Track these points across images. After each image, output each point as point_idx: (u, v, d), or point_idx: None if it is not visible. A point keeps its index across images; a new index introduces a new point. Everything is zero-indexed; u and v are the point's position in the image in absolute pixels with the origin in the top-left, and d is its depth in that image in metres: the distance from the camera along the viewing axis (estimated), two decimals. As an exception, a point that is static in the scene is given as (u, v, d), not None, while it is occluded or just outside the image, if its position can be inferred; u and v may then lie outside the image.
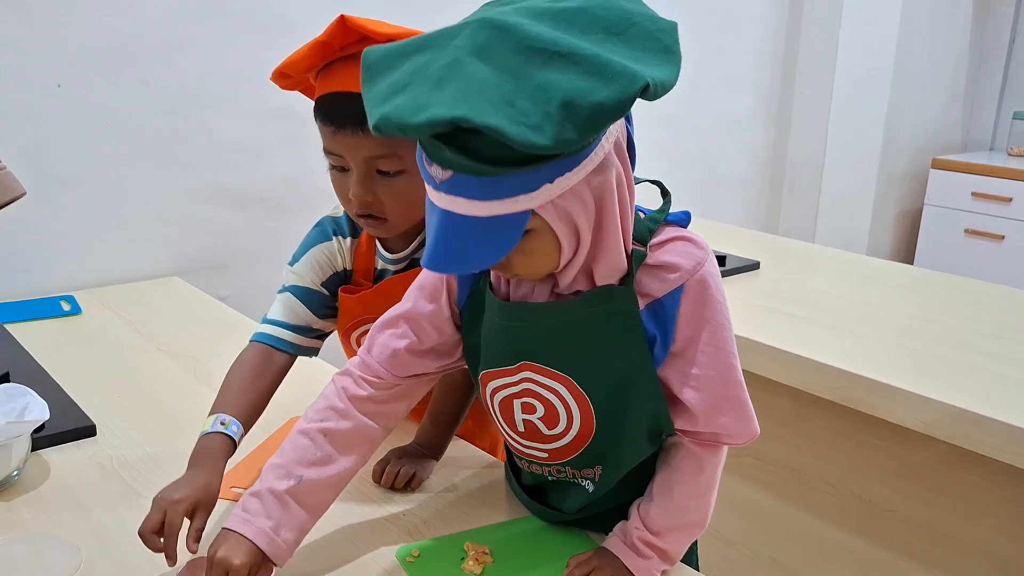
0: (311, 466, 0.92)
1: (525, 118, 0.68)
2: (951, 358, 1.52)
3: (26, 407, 1.14)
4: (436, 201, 0.77)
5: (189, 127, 2.00)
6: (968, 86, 3.70)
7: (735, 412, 0.90)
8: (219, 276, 2.11)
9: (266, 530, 0.88)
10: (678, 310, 0.86)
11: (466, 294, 0.96)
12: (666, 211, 0.90)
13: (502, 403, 0.96)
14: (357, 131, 0.99)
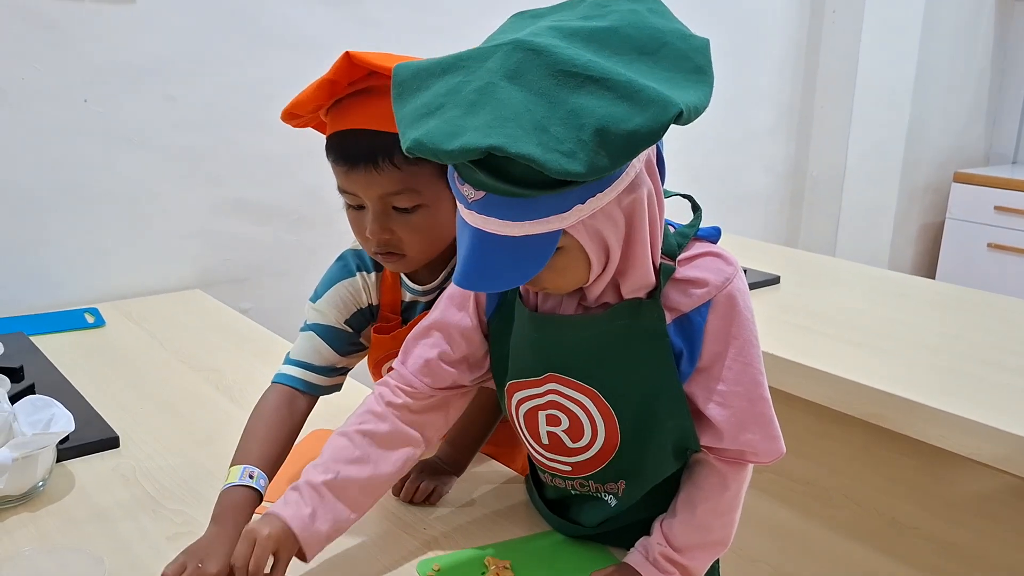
0: (349, 463, 0.93)
1: (558, 145, 0.69)
2: (977, 374, 1.50)
3: (51, 418, 1.15)
4: (468, 220, 0.77)
5: (214, 142, 2.02)
6: (991, 99, 3.68)
7: (761, 430, 0.89)
8: (242, 289, 2.12)
9: (303, 516, 0.89)
10: (705, 325, 0.86)
11: (494, 305, 0.97)
12: (696, 226, 0.91)
13: (527, 414, 0.96)
14: (371, 169, 0.96)
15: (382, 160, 0.96)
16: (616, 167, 0.72)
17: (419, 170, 0.97)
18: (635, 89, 0.70)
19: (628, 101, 0.69)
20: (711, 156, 3.05)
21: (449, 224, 1.02)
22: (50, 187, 1.85)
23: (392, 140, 0.94)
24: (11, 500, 1.10)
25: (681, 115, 0.70)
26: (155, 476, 1.19)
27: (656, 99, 0.69)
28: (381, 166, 0.96)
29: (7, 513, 1.09)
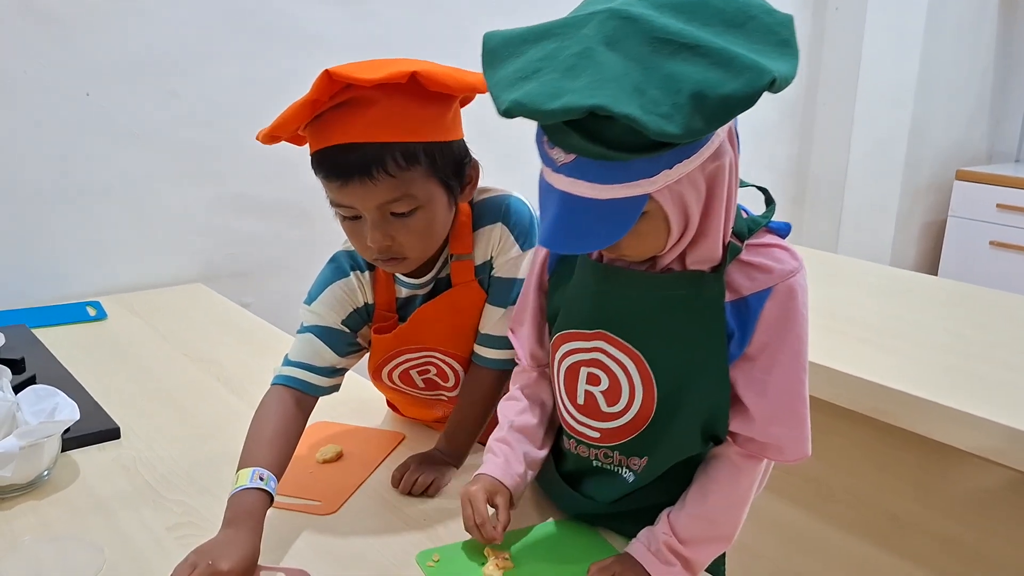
0: (518, 415, 1.05)
1: (656, 107, 0.70)
2: (981, 371, 1.50)
3: (55, 407, 1.15)
4: (554, 183, 0.79)
5: (216, 137, 2.02)
6: (993, 97, 3.67)
7: (793, 427, 0.90)
8: (243, 283, 2.13)
9: (500, 464, 1.01)
10: (761, 312, 0.87)
11: (556, 259, 1.00)
12: (769, 217, 0.92)
13: (569, 369, 0.97)
14: (366, 180, 0.97)
15: (376, 171, 0.96)
16: (711, 130, 0.73)
17: (412, 175, 0.99)
18: (729, 56, 0.71)
19: (723, 67, 0.71)
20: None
21: (444, 220, 1.06)
22: (52, 181, 1.86)
23: (382, 149, 0.97)
24: (17, 488, 1.10)
25: (775, 82, 0.71)
26: (156, 467, 1.20)
27: (751, 65, 0.71)
28: (376, 176, 0.97)
29: (13, 502, 1.09)
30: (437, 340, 1.17)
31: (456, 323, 1.16)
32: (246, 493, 0.97)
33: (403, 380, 1.22)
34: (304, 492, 1.13)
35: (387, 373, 1.21)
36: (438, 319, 1.15)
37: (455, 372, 1.20)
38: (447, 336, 1.17)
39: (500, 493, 0.98)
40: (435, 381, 1.22)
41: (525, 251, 1.13)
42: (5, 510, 1.08)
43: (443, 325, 1.15)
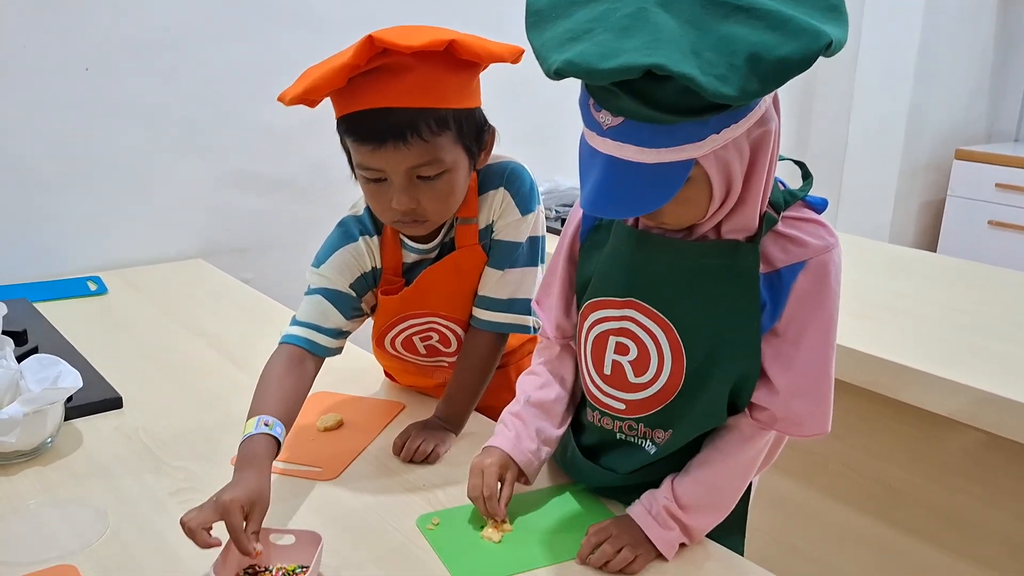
0: (537, 389, 1.05)
1: (712, 69, 0.70)
2: (976, 344, 1.51)
3: (58, 376, 1.16)
4: (599, 147, 0.79)
5: (216, 113, 2.02)
6: (993, 76, 3.66)
7: (816, 403, 0.91)
8: (243, 259, 2.13)
9: (511, 439, 1.02)
10: (794, 285, 0.87)
11: (589, 226, 0.99)
12: (806, 191, 0.91)
13: (597, 338, 0.97)
14: (399, 144, 0.99)
15: (411, 135, 0.99)
16: (765, 93, 0.73)
17: (442, 140, 1.02)
18: (784, 18, 0.71)
19: (778, 30, 0.71)
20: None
21: (464, 184, 1.09)
22: (52, 157, 1.86)
23: (416, 115, 0.99)
24: (21, 455, 1.11)
25: (831, 45, 0.71)
26: (158, 435, 1.21)
27: (807, 28, 0.71)
28: (410, 141, 0.99)
29: (17, 468, 1.11)
30: (440, 304, 1.18)
31: (459, 286, 1.17)
32: (252, 439, 0.98)
33: (405, 347, 1.23)
34: (306, 459, 1.14)
35: (390, 340, 1.22)
36: (442, 282, 1.16)
37: (457, 337, 1.22)
38: (450, 300, 1.18)
39: (509, 468, 1.00)
40: (436, 347, 1.23)
41: (525, 216, 1.14)
42: (9, 475, 1.09)
43: (446, 288, 1.17)
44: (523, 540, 0.97)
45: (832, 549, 1.72)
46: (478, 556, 0.94)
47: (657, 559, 0.93)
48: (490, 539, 0.96)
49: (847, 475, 1.67)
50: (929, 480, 1.55)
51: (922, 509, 1.56)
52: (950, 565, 1.53)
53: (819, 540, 1.74)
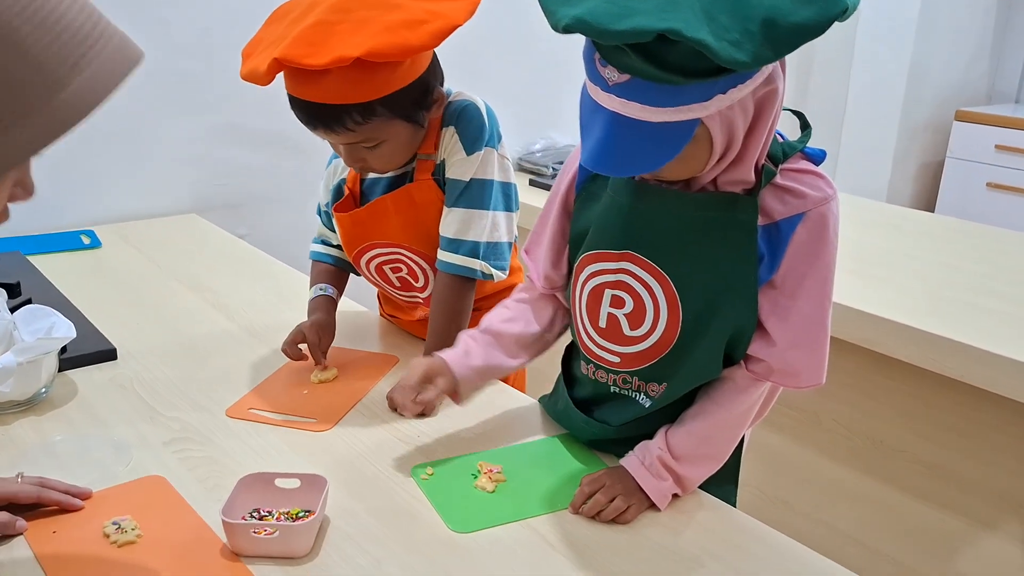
0: (503, 321, 1.06)
1: (726, 33, 0.69)
2: (970, 301, 1.51)
3: (52, 327, 1.16)
4: (604, 103, 0.77)
5: (208, 67, 1.99)
6: (995, 37, 3.62)
7: (812, 354, 0.91)
8: (238, 215, 2.12)
9: (458, 353, 1.03)
10: (792, 237, 0.87)
11: (585, 177, 0.98)
12: (805, 142, 0.90)
13: (593, 291, 0.96)
14: (329, 132, 1.08)
15: (338, 127, 1.07)
16: (779, 58, 0.72)
17: (370, 124, 1.07)
18: None
19: None
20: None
21: (409, 142, 1.15)
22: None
23: (340, 111, 1.05)
24: (16, 405, 1.11)
25: (846, 11, 0.70)
26: (152, 386, 1.21)
27: None
28: (338, 130, 1.08)
29: (12, 417, 1.11)
30: (400, 235, 1.22)
31: (415, 218, 1.21)
32: (314, 299, 1.29)
33: (380, 275, 1.29)
34: (301, 411, 1.14)
35: (365, 264, 1.28)
36: (397, 211, 1.21)
37: (424, 273, 1.26)
38: (409, 231, 1.22)
39: (443, 375, 1.01)
40: (408, 281, 1.28)
41: (469, 156, 1.17)
42: (6, 425, 1.09)
43: (402, 219, 1.21)
44: (516, 490, 0.98)
45: (823, 504, 1.74)
46: (471, 506, 0.95)
47: (650, 509, 0.94)
48: (484, 489, 0.97)
49: (839, 431, 1.69)
50: (920, 436, 1.56)
51: (913, 465, 1.58)
52: (939, 519, 1.55)
53: (810, 495, 1.76)
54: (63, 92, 0.53)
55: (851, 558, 1.50)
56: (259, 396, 1.18)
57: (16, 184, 0.59)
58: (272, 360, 1.28)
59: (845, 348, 1.55)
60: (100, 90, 0.55)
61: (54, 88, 0.52)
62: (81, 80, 0.53)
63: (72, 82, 0.53)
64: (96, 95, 0.55)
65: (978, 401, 1.45)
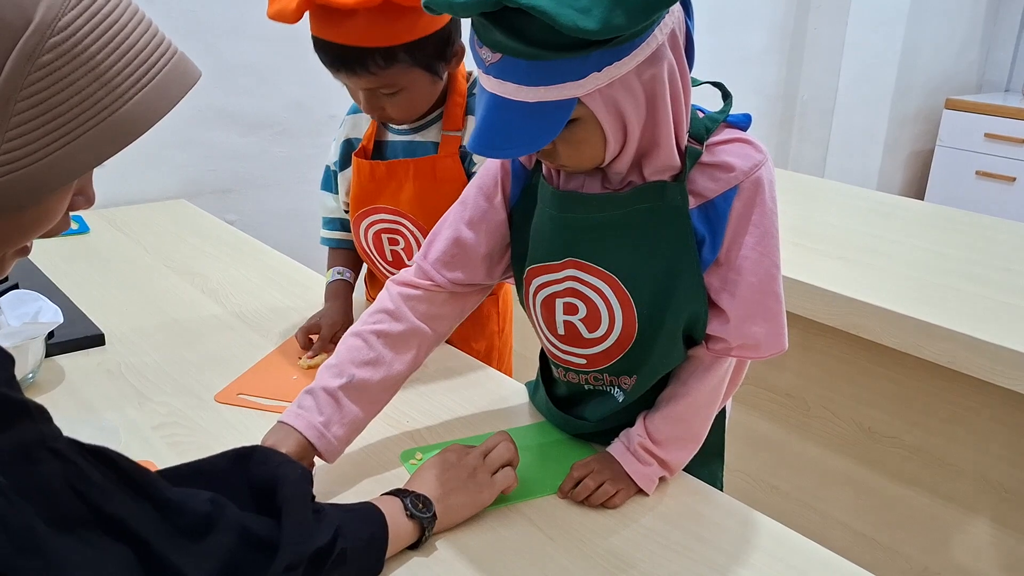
0: (363, 365, 0.94)
1: (574, 1, 0.68)
2: (956, 287, 1.52)
3: (39, 311, 1.15)
4: (485, 84, 0.77)
5: (196, 50, 1.95)
6: (985, 26, 3.63)
7: (768, 322, 0.90)
8: (226, 200, 2.11)
9: (316, 424, 0.90)
10: (730, 211, 0.86)
11: (519, 190, 0.96)
12: (726, 112, 0.89)
13: (544, 302, 0.96)
14: (351, 74, 1.09)
15: (360, 70, 1.09)
16: (633, 27, 0.71)
17: (391, 70, 1.09)
18: None
19: None
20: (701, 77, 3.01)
21: (427, 92, 1.16)
22: (30, 91, 1.82)
23: (366, 53, 1.07)
24: None
25: None
26: (140, 371, 1.20)
27: None
28: (360, 73, 1.09)
29: (-5, 403, 1.10)
30: (409, 204, 1.23)
31: (432, 190, 1.21)
32: (332, 285, 1.33)
33: (376, 244, 1.29)
34: (289, 396, 1.12)
35: (364, 229, 1.28)
36: (416, 177, 1.22)
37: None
38: (420, 202, 1.22)
39: (308, 459, 0.90)
40: (401, 257, 1.27)
41: None
42: (-9, 410, 1.09)
43: (418, 187, 1.22)
44: (505, 474, 0.97)
45: (812, 489, 1.75)
46: (460, 490, 0.94)
47: (638, 494, 0.95)
48: (473, 474, 0.97)
49: (827, 417, 1.69)
50: (908, 422, 1.57)
51: (901, 450, 1.59)
52: (926, 504, 1.56)
53: (799, 480, 1.77)
54: (125, 107, 0.56)
55: (839, 542, 1.51)
56: (248, 381, 1.18)
57: (78, 193, 0.62)
58: (261, 345, 1.28)
59: (834, 335, 1.56)
60: (160, 106, 0.59)
61: (118, 103, 0.56)
62: (142, 96, 0.57)
63: (134, 98, 0.56)
64: (156, 111, 0.58)
65: (966, 387, 1.45)
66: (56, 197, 0.58)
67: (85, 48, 0.54)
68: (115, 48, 0.56)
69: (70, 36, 0.53)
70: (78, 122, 0.54)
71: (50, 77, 0.53)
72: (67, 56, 0.53)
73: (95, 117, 0.55)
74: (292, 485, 0.73)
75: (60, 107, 0.53)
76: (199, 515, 0.66)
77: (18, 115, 0.52)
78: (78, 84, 0.54)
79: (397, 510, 0.82)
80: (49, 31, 0.53)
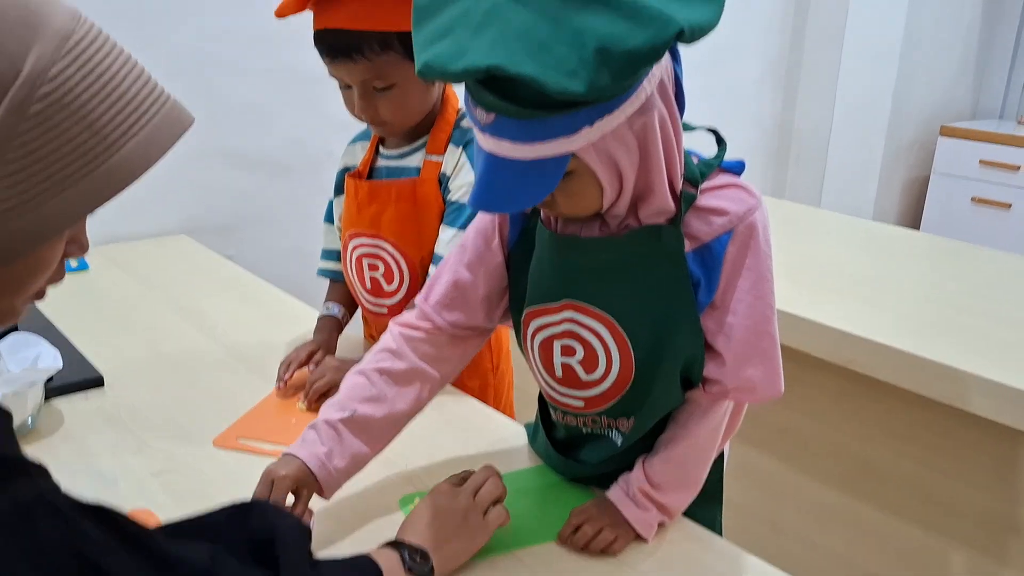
0: (365, 401, 0.96)
1: (561, 64, 0.69)
2: (955, 323, 1.52)
3: (38, 356, 1.16)
4: (481, 143, 0.79)
5: (197, 89, 1.99)
6: (979, 54, 3.66)
7: (764, 366, 0.91)
8: (226, 236, 2.12)
9: (319, 454, 0.92)
10: (724, 255, 0.87)
11: (517, 233, 0.98)
12: (721, 157, 0.91)
13: (542, 344, 0.96)
14: (348, 61, 1.15)
15: (356, 54, 1.14)
16: (618, 86, 0.72)
17: (387, 58, 1.15)
18: (637, 8, 0.70)
19: (630, 19, 0.70)
20: (697, 109, 3.00)
21: (420, 96, 1.22)
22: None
23: (362, 36, 1.12)
24: None
25: (683, 33, 0.70)
26: (139, 415, 1.20)
27: (657, 17, 0.70)
28: (356, 59, 1.14)
29: (-7, 449, 1.10)
30: (390, 226, 1.26)
31: (411, 213, 1.25)
32: (320, 319, 1.37)
33: (358, 269, 1.32)
34: (286, 439, 1.12)
35: (351, 252, 1.31)
36: (397, 199, 1.26)
37: (400, 274, 1.28)
38: (400, 224, 1.26)
39: (308, 487, 0.92)
40: (379, 284, 1.30)
41: None
42: (-10, 456, 1.08)
43: (398, 210, 1.26)
44: (504, 521, 0.97)
45: (811, 525, 1.74)
46: (459, 537, 0.94)
47: (637, 540, 0.94)
48: (471, 520, 0.97)
49: (826, 453, 1.69)
50: (908, 458, 1.57)
51: (899, 486, 1.58)
52: (926, 541, 1.56)
53: (799, 517, 1.77)
54: (117, 155, 0.56)
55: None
56: (246, 425, 1.18)
57: (71, 241, 0.63)
58: (259, 386, 1.28)
59: (831, 370, 1.55)
60: (151, 154, 0.58)
61: (109, 151, 0.56)
62: (134, 144, 0.57)
63: (126, 145, 0.56)
64: (147, 159, 0.58)
65: (966, 424, 1.45)
66: (49, 246, 0.58)
67: (76, 97, 0.54)
68: (106, 96, 0.56)
69: (61, 85, 0.53)
70: (70, 171, 0.54)
71: (41, 127, 0.52)
72: (58, 105, 0.53)
73: (87, 166, 0.55)
74: (290, 540, 0.73)
75: (51, 156, 0.53)
76: (199, 570, 0.65)
77: (9, 164, 0.52)
78: (69, 133, 0.54)
79: (395, 564, 0.82)
80: (40, 81, 0.52)
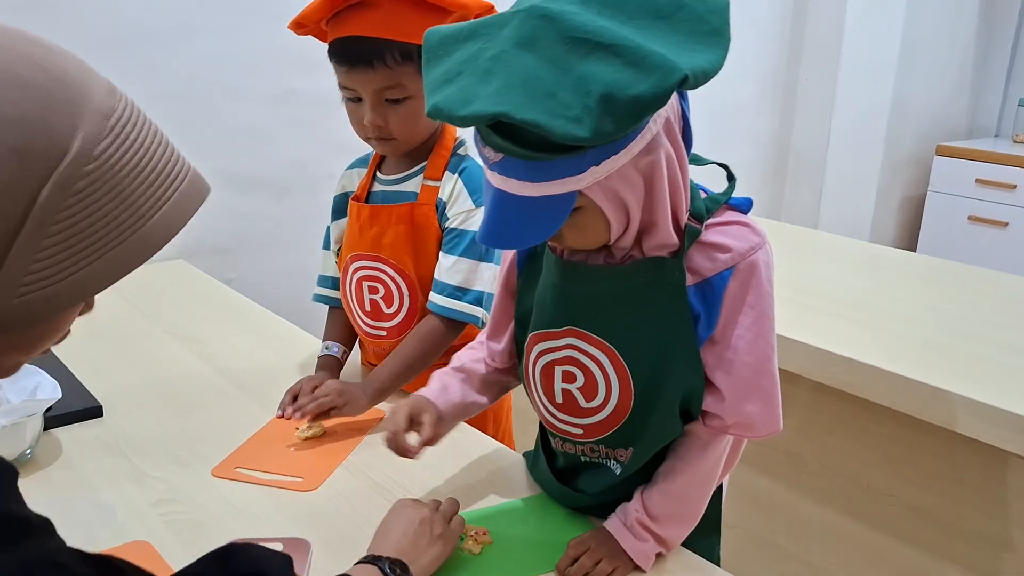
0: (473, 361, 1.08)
1: (566, 111, 0.71)
2: (952, 345, 1.53)
3: (37, 386, 1.16)
4: (490, 180, 0.81)
5: (196, 112, 2.01)
6: (974, 72, 3.68)
7: (763, 403, 0.91)
8: (225, 260, 2.12)
9: (436, 389, 1.05)
10: (725, 291, 0.88)
11: (524, 257, 1.01)
12: (729, 194, 0.92)
13: (544, 369, 0.97)
14: (367, 69, 1.16)
15: (377, 62, 1.15)
16: (621, 132, 0.74)
17: (405, 69, 1.17)
18: (641, 55, 0.71)
19: (634, 67, 0.71)
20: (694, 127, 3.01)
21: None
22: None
23: (384, 44, 1.15)
24: None
25: (686, 80, 0.71)
26: (137, 444, 1.20)
27: (661, 64, 0.71)
28: (376, 66, 1.16)
29: (-8, 480, 1.10)
30: (391, 248, 1.28)
31: (409, 235, 1.29)
32: (321, 357, 1.36)
33: (357, 292, 1.33)
34: (286, 469, 1.14)
35: (351, 275, 1.33)
36: (396, 222, 1.28)
37: (400, 296, 1.30)
38: (399, 245, 1.28)
39: (426, 411, 1.01)
40: (379, 306, 1.31)
41: (477, 207, 1.25)
42: (-12, 488, 1.08)
43: (398, 232, 1.29)
44: (502, 552, 0.98)
45: (811, 547, 1.74)
46: (458, 569, 0.94)
47: (635, 571, 0.94)
48: (470, 551, 0.97)
49: (825, 475, 1.69)
50: (906, 481, 1.57)
51: (899, 509, 1.58)
52: (925, 563, 1.55)
53: (798, 538, 1.76)
54: (146, 226, 0.58)
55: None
56: (245, 453, 1.18)
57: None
58: (257, 414, 1.29)
59: (831, 394, 1.56)
60: (175, 224, 0.60)
61: (140, 223, 0.57)
62: (161, 214, 0.59)
63: (154, 217, 0.58)
64: (171, 228, 0.60)
65: (964, 447, 1.45)
66: (69, 311, 0.59)
67: (116, 173, 0.56)
68: (141, 171, 0.58)
69: (104, 163, 0.55)
70: (103, 243, 0.56)
71: (83, 202, 0.54)
72: (100, 181, 0.55)
73: (118, 237, 0.56)
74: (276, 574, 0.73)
75: (89, 229, 0.55)
76: None
77: (48, 238, 0.53)
78: (107, 207, 0.55)
79: None
80: (86, 159, 0.54)
